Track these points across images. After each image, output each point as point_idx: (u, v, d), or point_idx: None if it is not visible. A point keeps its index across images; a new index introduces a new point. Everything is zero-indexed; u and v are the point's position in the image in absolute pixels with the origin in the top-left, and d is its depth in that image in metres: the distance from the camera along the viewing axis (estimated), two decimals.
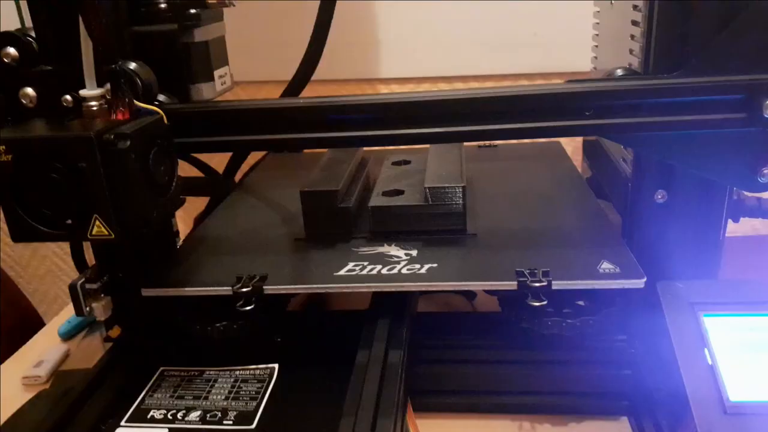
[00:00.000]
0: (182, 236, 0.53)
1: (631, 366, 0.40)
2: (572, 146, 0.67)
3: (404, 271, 0.39)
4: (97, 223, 0.33)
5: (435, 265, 0.40)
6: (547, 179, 0.54)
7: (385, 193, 0.46)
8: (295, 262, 0.42)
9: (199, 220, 0.58)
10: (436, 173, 0.46)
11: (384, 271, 0.39)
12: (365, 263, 0.40)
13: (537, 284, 0.36)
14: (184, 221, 0.77)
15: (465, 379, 0.40)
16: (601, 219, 0.45)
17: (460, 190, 0.43)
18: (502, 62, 0.67)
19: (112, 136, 0.32)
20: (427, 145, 0.52)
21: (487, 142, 0.64)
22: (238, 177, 0.61)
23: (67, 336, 0.54)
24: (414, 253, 0.41)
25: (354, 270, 0.40)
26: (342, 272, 0.40)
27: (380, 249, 0.42)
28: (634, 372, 0.40)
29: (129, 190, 0.33)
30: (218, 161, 0.60)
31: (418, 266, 0.40)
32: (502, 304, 0.40)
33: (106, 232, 0.33)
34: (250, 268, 0.41)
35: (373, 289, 0.38)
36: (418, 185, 0.47)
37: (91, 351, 0.52)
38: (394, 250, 0.42)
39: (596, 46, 0.52)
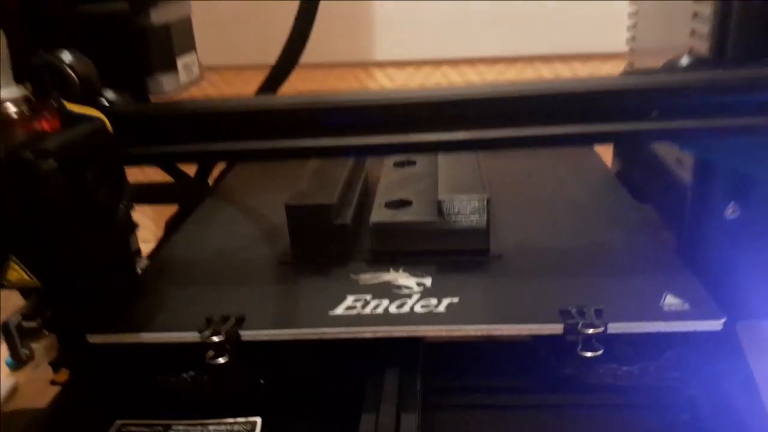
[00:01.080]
0: (152, 242, 0.46)
1: (689, 410, 0.33)
2: None
3: (418, 308, 0.31)
4: (15, 267, 0.25)
5: (455, 300, 0.32)
6: (575, 181, 0.46)
7: (389, 205, 0.38)
8: (280, 296, 0.34)
9: (171, 224, 0.50)
10: (451, 181, 0.38)
11: (392, 308, 0.32)
12: (368, 297, 0.33)
13: (590, 330, 0.29)
14: (156, 223, 0.69)
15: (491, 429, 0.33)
16: (650, 234, 0.37)
17: (483, 203, 0.35)
18: (514, 42, 0.58)
19: (31, 154, 0.24)
20: None
21: None
22: (218, 177, 0.53)
23: (16, 366, 0.46)
24: (427, 282, 0.34)
25: (355, 307, 0.32)
26: (340, 311, 0.32)
27: (385, 276, 0.35)
28: (692, 418, 0.33)
29: (58, 222, 0.25)
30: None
31: (434, 302, 0.32)
32: (537, 342, 0.33)
33: (28, 279, 0.25)
34: (224, 304, 0.33)
35: (380, 334, 0.30)
36: (427, 194, 0.39)
37: (46, 384, 0.45)
38: (403, 278, 0.34)
39: (634, 23, 0.44)
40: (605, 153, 0.52)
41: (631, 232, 0.38)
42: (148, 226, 0.68)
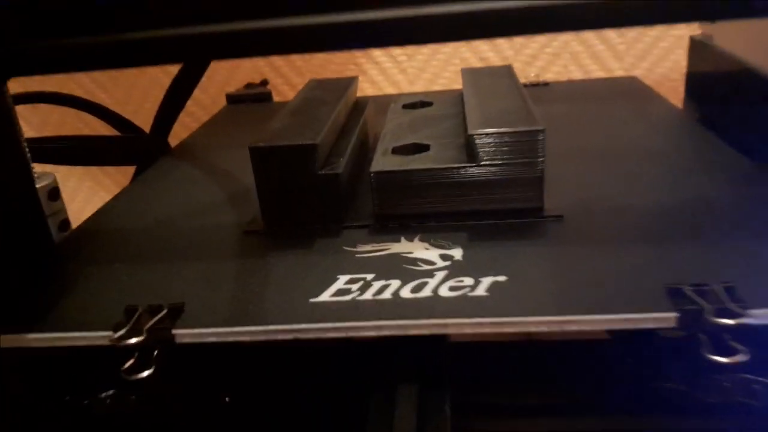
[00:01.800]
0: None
1: None
2: (652, 81, 0.48)
3: (444, 291, 0.21)
4: None
5: (501, 278, 0.21)
6: (645, 125, 0.35)
7: (398, 150, 0.27)
8: (240, 277, 0.23)
9: None
10: (485, 112, 0.27)
11: (406, 292, 0.21)
12: (368, 276, 0.22)
13: (726, 319, 0.18)
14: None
15: None
16: (756, 184, 0.26)
17: (536, 138, 0.24)
18: None
19: None
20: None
21: (534, 80, 0.45)
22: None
23: None
24: (456, 254, 0.23)
25: (349, 290, 0.21)
26: (326, 297, 0.21)
27: (394, 247, 0.24)
28: None
29: None
30: (145, 117, 0.41)
31: (468, 282, 0.21)
32: (622, 340, 0.22)
33: None
34: (160, 289, 0.23)
35: (388, 331, 0.20)
36: (450, 136, 0.28)
37: None
38: (420, 250, 0.23)
39: None
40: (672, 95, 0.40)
41: (737, 185, 0.27)
42: (102, 196, 0.57)
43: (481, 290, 0.20)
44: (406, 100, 0.35)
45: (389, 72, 0.54)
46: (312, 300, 0.21)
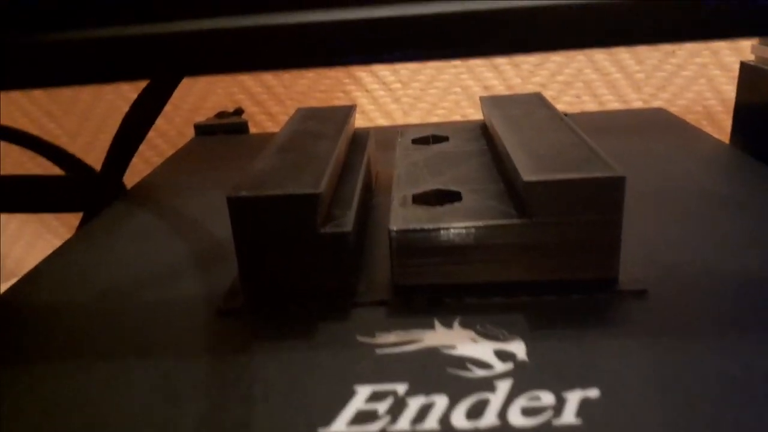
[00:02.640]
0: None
1: None
2: (680, 109, 0.43)
3: (518, 418, 0.14)
4: None
5: (594, 394, 0.15)
6: (695, 164, 0.29)
7: (420, 199, 0.21)
8: (214, 394, 0.16)
9: None
10: (536, 151, 0.21)
11: (460, 419, 0.14)
12: (400, 390, 0.15)
13: None
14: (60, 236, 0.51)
15: None
16: None
17: (617, 185, 0.18)
18: None
19: None
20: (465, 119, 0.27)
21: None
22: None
23: None
24: (519, 351, 0.16)
25: (375, 416, 0.14)
26: (341, 426, 0.14)
27: (428, 338, 0.17)
28: None
29: None
30: (96, 157, 0.34)
31: (548, 400, 0.14)
32: None
33: None
34: (97, 410, 0.16)
35: None
36: (481, 180, 0.22)
37: None
38: (466, 343, 0.17)
39: None
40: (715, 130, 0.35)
41: None
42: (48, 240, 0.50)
43: (569, 415, 0.14)
44: (415, 133, 0.29)
45: (381, 101, 0.48)
46: (320, 430, 0.14)
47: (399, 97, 0.48)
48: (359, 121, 0.48)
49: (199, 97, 0.49)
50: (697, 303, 0.18)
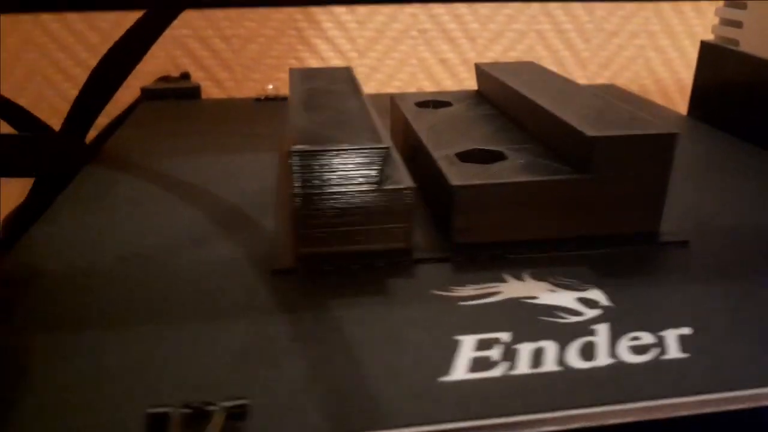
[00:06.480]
0: None
1: None
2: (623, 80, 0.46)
3: (630, 356, 0.15)
4: None
5: (687, 331, 0.15)
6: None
7: (465, 157, 0.21)
8: (307, 351, 0.15)
9: (18, 216, 0.29)
10: (581, 111, 0.21)
11: (576, 360, 0.14)
12: (503, 337, 0.15)
13: None
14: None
15: None
16: None
17: (673, 141, 0.19)
18: None
19: None
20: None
21: None
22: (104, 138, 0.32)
23: None
24: (600, 298, 0.17)
25: (493, 363, 0.14)
26: (461, 374, 0.14)
27: (505, 289, 0.17)
28: None
29: None
30: (50, 112, 0.31)
31: (650, 339, 0.15)
32: None
33: None
34: (184, 376, 0.14)
35: (600, 422, 0.13)
36: (514, 140, 0.22)
37: None
38: (545, 293, 0.17)
39: None
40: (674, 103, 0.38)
41: None
42: None
43: (674, 350, 0.15)
44: (412, 99, 0.29)
45: None
46: (442, 379, 0.14)
47: (355, 66, 0.47)
48: None
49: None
50: (729, 252, 0.20)
